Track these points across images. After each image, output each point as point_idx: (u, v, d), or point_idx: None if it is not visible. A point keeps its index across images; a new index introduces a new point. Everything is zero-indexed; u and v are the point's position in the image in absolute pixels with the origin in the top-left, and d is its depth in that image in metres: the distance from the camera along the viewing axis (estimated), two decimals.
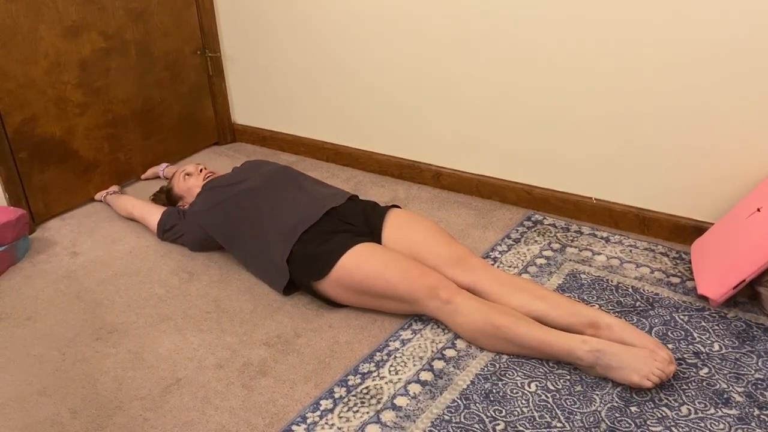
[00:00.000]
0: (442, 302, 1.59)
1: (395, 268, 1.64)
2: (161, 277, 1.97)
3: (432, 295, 1.60)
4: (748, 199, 1.77)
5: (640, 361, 1.41)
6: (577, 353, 1.45)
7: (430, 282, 1.61)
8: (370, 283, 1.66)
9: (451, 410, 1.41)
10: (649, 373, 1.39)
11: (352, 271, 1.67)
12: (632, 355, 1.42)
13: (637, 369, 1.40)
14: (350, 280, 1.67)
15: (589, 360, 1.44)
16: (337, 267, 1.67)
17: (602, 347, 1.44)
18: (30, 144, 2.23)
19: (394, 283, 1.63)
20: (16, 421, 1.45)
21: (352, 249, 1.68)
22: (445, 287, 1.60)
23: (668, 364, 1.41)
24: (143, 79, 2.56)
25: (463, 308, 1.57)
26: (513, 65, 2.10)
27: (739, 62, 1.74)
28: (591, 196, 2.13)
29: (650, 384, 1.39)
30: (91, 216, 2.37)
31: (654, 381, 1.39)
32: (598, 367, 1.44)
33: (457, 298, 1.58)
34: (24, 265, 2.07)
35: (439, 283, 1.61)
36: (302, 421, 1.40)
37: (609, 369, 1.43)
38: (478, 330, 1.56)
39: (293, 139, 2.80)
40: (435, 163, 2.43)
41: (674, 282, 1.81)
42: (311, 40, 2.54)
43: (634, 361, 1.41)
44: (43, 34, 2.19)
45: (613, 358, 1.42)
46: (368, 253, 1.69)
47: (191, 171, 2.22)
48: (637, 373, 1.40)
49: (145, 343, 1.68)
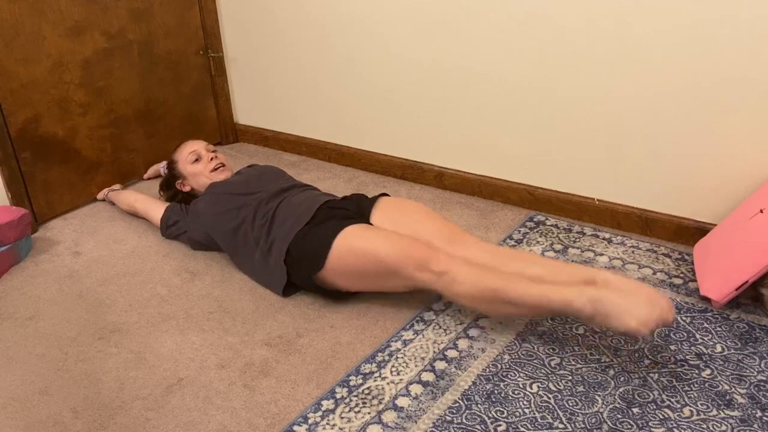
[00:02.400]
0: (437, 274, 1.57)
1: (384, 245, 1.63)
2: (163, 277, 1.97)
3: (424, 268, 1.58)
4: (751, 201, 1.77)
5: (638, 306, 1.38)
6: (575, 305, 1.43)
7: (421, 255, 1.59)
8: (362, 265, 1.65)
9: (452, 411, 1.41)
10: (647, 320, 1.36)
11: (343, 256, 1.66)
12: (630, 300, 1.39)
13: (636, 315, 1.37)
14: (344, 265, 1.67)
15: (588, 310, 1.41)
16: (331, 254, 1.67)
17: (600, 296, 1.41)
18: (33, 144, 2.23)
19: (385, 260, 1.61)
20: (18, 421, 1.45)
21: (341, 233, 1.68)
22: (437, 259, 1.58)
23: (668, 312, 1.38)
24: (146, 79, 2.56)
25: (459, 276, 1.55)
26: (516, 66, 2.10)
27: (742, 64, 1.74)
28: (593, 197, 2.13)
29: (647, 331, 1.36)
30: (94, 216, 2.37)
31: (651, 328, 1.36)
32: (597, 316, 1.41)
33: (452, 268, 1.56)
34: (26, 264, 2.07)
35: (430, 255, 1.59)
36: (304, 422, 1.40)
37: (608, 317, 1.40)
38: (476, 297, 1.54)
39: (295, 140, 2.80)
40: (437, 164, 2.43)
41: (677, 283, 1.81)
42: (314, 40, 2.54)
43: (632, 306, 1.38)
44: (46, 33, 2.19)
45: (611, 306, 1.39)
46: (357, 234, 1.68)
47: (202, 154, 2.18)
48: (636, 319, 1.37)
49: (147, 342, 1.69)
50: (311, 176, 2.59)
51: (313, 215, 1.80)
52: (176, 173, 2.22)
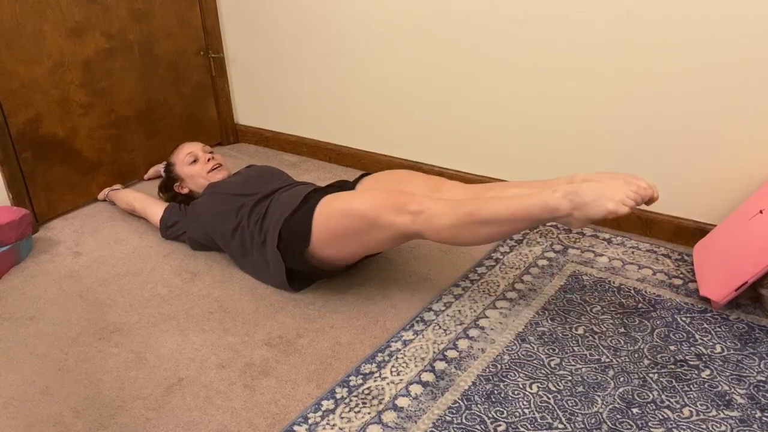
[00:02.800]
0: (414, 214, 1.56)
1: (359, 199, 1.64)
2: (164, 277, 1.97)
3: (402, 211, 1.57)
4: (751, 201, 1.77)
5: (613, 188, 1.37)
6: (551, 203, 1.42)
7: (396, 200, 1.59)
8: (344, 224, 1.64)
9: (452, 411, 1.41)
10: (624, 198, 1.35)
11: (325, 222, 1.67)
12: (605, 185, 1.38)
13: (611, 196, 1.36)
14: (328, 230, 1.67)
15: (565, 206, 1.41)
16: (314, 225, 1.68)
17: (574, 188, 1.41)
18: (33, 144, 2.24)
19: (363, 212, 1.61)
20: (19, 421, 1.46)
21: (319, 203, 1.69)
22: (412, 200, 1.58)
23: (645, 188, 1.37)
24: (146, 79, 2.57)
25: (435, 210, 1.55)
26: (515, 67, 2.10)
27: (742, 65, 1.74)
28: None
29: (626, 208, 1.35)
30: (94, 216, 2.37)
31: (630, 204, 1.35)
32: (575, 210, 1.40)
33: (427, 204, 1.56)
34: (27, 264, 2.07)
35: (405, 199, 1.58)
36: (304, 422, 1.41)
37: (585, 206, 1.39)
38: (455, 225, 1.53)
39: (296, 140, 2.81)
40: (438, 164, 2.43)
41: (676, 284, 1.81)
42: (314, 41, 2.54)
43: (607, 190, 1.37)
44: (46, 34, 2.20)
45: (586, 194, 1.38)
46: (333, 198, 1.70)
47: (198, 155, 2.18)
48: (612, 200, 1.35)
49: (148, 342, 1.69)
50: (311, 176, 2.60)
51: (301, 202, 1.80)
52: (174, 176, 2.22)
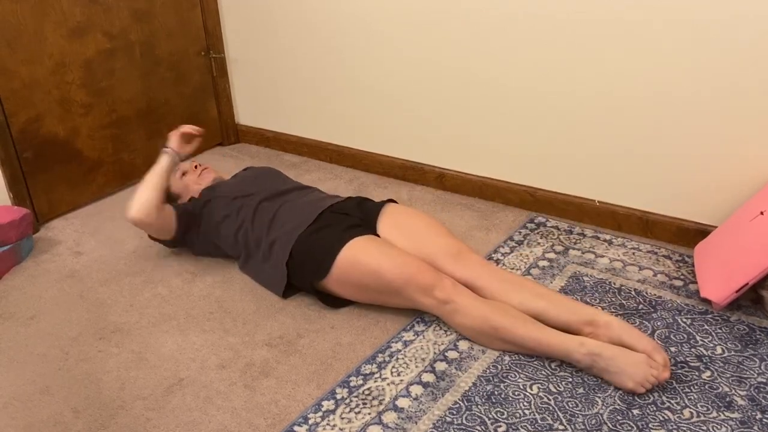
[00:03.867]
0: (440, 302, 1.59)
1: (391, 264, 1.63)
2: (164, 278, 1.97)
3: (428, 294, 1.60)
4: (752, 203, 1.77)
5: (635, 366, 1.42)
6: (574, 356, 1.47)
7: (426, 280, 1.60)
8: (366, 281, 1.66)
9: (452, 412, 1.41)
10: (643, 380, 1.41)
11: (348, 270, 1.67)
12: (628, 360, 1.43)
13: (632, 375, 1.42)
14: (348, 278, 1.68)
15: (586, 362, 1.46)
16: (335, 266, 1.68)
17: (599, 351, 1.45)
18: (34, 144, 2.24)
19: (389, 280, 1.63)
20: (19, 420, 1.46)
21: (347, 245, 1.68)
22: (442, 286, 1.60)
23: (663, 370, 1.42)
24: (147, 79, 2.57)
25: (462, 308, 1.58)
26: (517, 67, 2.10)
27: (744, 66, 1.74)
28: (594, 199, 2.13)
29: (643, 390, 1.42)
30: (95, 216, 2.38)
31: (647, 387, 1.42)
32: (594, 369, 1.46)
33: (456, 298, 1.58)
34: (27, 264, 2.07)
35: (435, 282, 1.60)
36: (304, 422, 1.40)
37: (605, 372, 1.45)
38: (476, 330, 1.57)
39: (297, 140, 2.81)
40: (438, 165, 2.43)
41: (677, 285, 1.81)
42: (315, 41, 2.54)
43: (629, 366, 1.42)
44: (47, 34, 2.20)
45: (610, 363, 1.44)
46: (363, 248, 1.68)
47: (186, 169, 2.17)
48: (632, 380, 1.42)
49: (148, 343, 1.69)
50: (312, 177, 2.60)
51: (316, 218, 1.80)
52: (173, 195, 2.15)
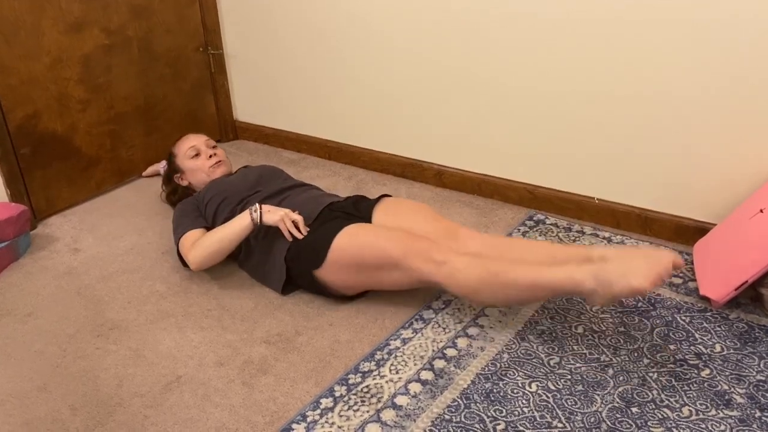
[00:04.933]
0: (437, 264, 1.57)
1: (387, 236, 1.65)
2: (162, 274, 1.96)
3: (426, 258, 1.58)
4: (751, 201, 1.77)
5: (638, 266, 1.37)
6: (577, 278, 1.43)
7: (422, 245, 1.60)
8: (364, 255, 1.65)
9: (451, 410, 1.41)
10: (648, 275, 1.35)
11: (345, 249, 1.66)
12: (629, 263, 1.39)
13: (637, 273, 1.36)
14: (345, 258, 1.67)
15: (590, 283, 1.40)
16: (332, 249, 1.67)
17: (600, 267, 1.41)
18: (32, 140, 2.23)
19: (388, 250, 1.62)
20: (16, 417, 1.45)
21: (342, 230, 1.69)
22: (438, 249, 1.59)
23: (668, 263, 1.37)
24: (145, 75, 2.56)
25: (459, 264, 1.55)
26: (516, 65, 2.10)
27: (743, 64, 1.73)
28: (593, 196, 2.12)
29: (652, 285, 1.35)
30: (93, 212, 2.37)
31: (654, 280, 1.35)
32: (599, 287, 1.40)
33: (453, 257, 1.57)
34: (25, 261, 2.07)
35: (432, 246, 1.60)
36: (302, 420, 1.40)
37: (610, 285, 1.38)
38: (478, 282, 1.54)
39: (295, 137, 2.80)
40: (437, 162, 2.43)
41: (676, 282, 1.80)
42: (314, 37, 2.53)
43: (631, 268, 1.37)
44: (45, 30, 2.19)
45: (611, 272, 1.38)
46: (359, 229, 1.70)
47: (201, 149, 2.16)
48: (637, 277, 1.35)
49: (146, 340, 1.68)
50: (311, 174, 2.59)
51: (316, 217, 1.81)
52: (174, 167, 2.21)
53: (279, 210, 1.79)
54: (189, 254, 1.85)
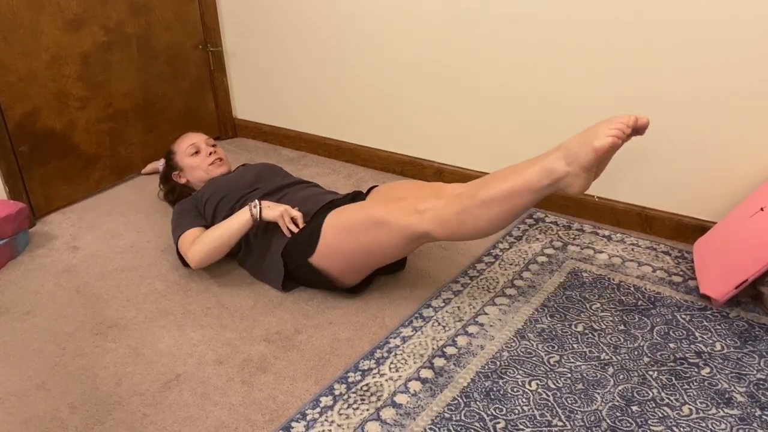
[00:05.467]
0: (420, 213, 1.57)
1: (370, 203, 1.69)
2: (161, 272, 1.96)
3: (410, 211, 1.58)
4: (752, 199, 1.77)
5: (595, 130, 1.38)
6: (546, 166, 1.43)
7: (405, 202, 1.62)
8: (352, 226, 1.65)
9: (451, 408, 1.41)
10: (607, 131, 1.35)
11: (335, 227, 1.67)
12: (589, 130, 1.40)
13: (596, 134, 1.37)
14: (336, 237, 1.67)
15: (560, 164, 1.42)
16: (322, 232, 1.68)
17: (564, 146, 1.42)
18: (30, 138, 2.22)
19: (373, 212, 1.63)
20: (15, 416, 1.45)
21: (330, 213, 1.71)
22: (420, 200, 1.60)
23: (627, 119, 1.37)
24: (144, 73, 2.55)
25: (439, 204, 1.56)
26: (517, 62, 2.09)
27: (743, 62, 1.73)
28: (593, 195, 2.12)
29: (610, 139, 1.35)
30: (92, 210, 2.36)
31: (614, 134, 1.35)
32: (570, 165, 1.41)
33: (432, 201, 1.58)
34: (24, 259, 2.06)
35: (414, 201, 1.61)
36: (302, 418, 1.40)
37: (577, 156, 1.39)
38: (459, 211, 1.53)
39: (295, 135, 2.80)
40: (437, 160, 2.42)
41: (676, 281, 1.80)
42: (313, 35, 2.53)
43: (590, 133, 1.38)
44: (44, 27, 2.18)
45: (573, 144, 1.39)
46: (344, 208, 1.72)
47: (201, 147, 2.16)
48: (597, 137, 1.36)
49: (145, 338, 1.68)
50: (310, 172, 2.59)
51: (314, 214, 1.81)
52: (173, 164, 2.21)
53: (279, 206, 1.79)
54: (189, 252, 1.84)
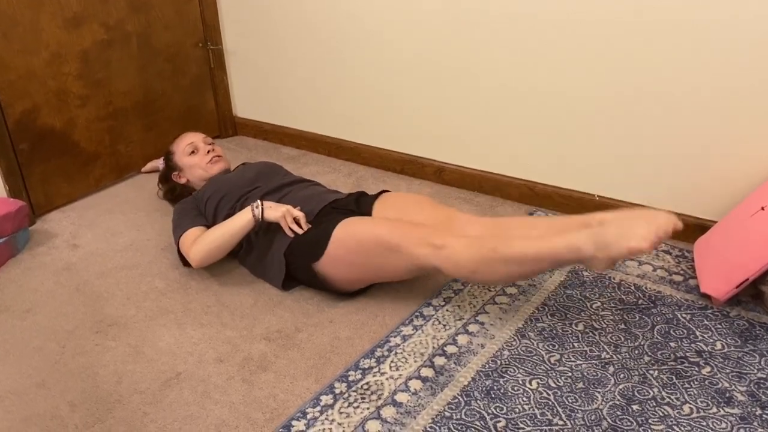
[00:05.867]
0: (436, 247, 1.55)
1: (384, 224, 1.65)
2: (161, 271, 1.96)
3: (424, 242, 1.57)
4: (752, 198, 1.77)
5: (635, 226, 1.36)
6: (575, 243, 1.41)
7: (420, 231, 1.60)
8: (362, 243, 1.64)
9: (451, 407, 1.40)
10: (646, 235, 1.33)
11: (344, 239, 1.66)
12: (627, 224, 1.38)
13: (634, 234, 1.35)
14: (344, 248, 1.66)
15: (589, 247, 1.39)
16: (331, 241, 1.67)
17: (598, 230, 1.41)
18: (30, 135, 2.22)
19: (386, 235, 1.61)
20: (15, 414, 1.45)
21: (341, 222, 1.69)
22: (436, 233, 1.58)
23: (667, 223, 1.36)
24: (144, 71, 2.55)
25: (457, 246, 1.54)
26: (517, 62, 2.09)
27: (744, 62, 1.73)
28: (594, 194, 2.12)
29: (648, 244, 1.33)
30: (92, 208, 2.36)
31: (652, 240, 1.34)
32: (598, 251, 1.39)
33: (449, 240, 1.55)
34: (24, 257, 2.06)
35: (429, 231, 1.60)
36: (302, 417, 1.40)
37: (608, 247, 1.37)
38: (477, 260, 1.51)
39: (295, 133, 2.79)
40: (437, 159, 2.42)
41: (677, 280, 1.80)
42: (313, 33, 2.52)
43: (629, 229, 1.36)
44: (44, 25, 2.18)
45: (609, 235, 1.37)
46: (357, 220, 1.70)
47: (199, 146, 2.16)
48: (635, 237, 1.34)
49: (145, 336, 1.68)
50: (310, 170, 2.58)
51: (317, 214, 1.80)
52: (172, 165, 2.21)
53: (281, 206, 1.79)
54: (190, 251, 1.84)
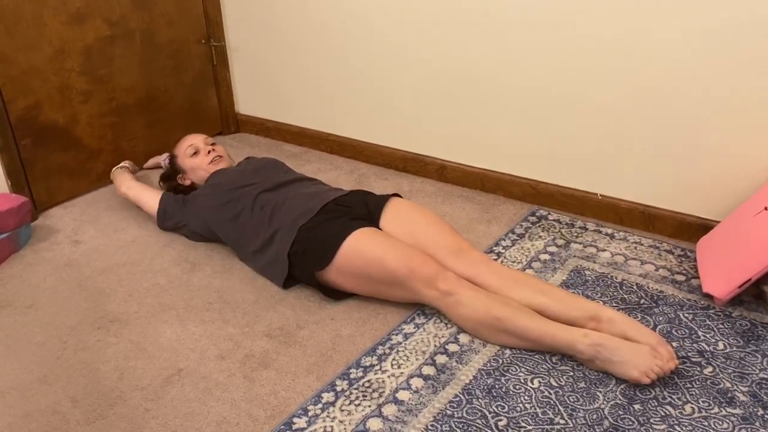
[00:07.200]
0: (442, 293, 1.58)
1: (395, 254, 1.63)
2: (163, 267, 1.96)
3: (431, 285, 1.59)
4: (755, 198, 1.76)
5: (640, 356, 1.41)
6: (577, 346, 1.45)
7: (430, 271, 1.60)
8: (369, 270, 1.65)
9: (453, 405, 1.40)
10: (648, 370, 1.39)
11: (352, 258, 1.66)
12: (632, 350, 1.42)
13: (637, 365, 1.40)
14: (351, 267, 1.67)
15: (590, 353, 1.44)
16: (338, 255, 1.66)
17: (603, 341, 1.44)
18: (33, 131, 2.22)
19: (394, 270, 1.62)
20: (17, 409, 1.45)
21: (351, 235, 1.67)
22: (445, 278, 1.59)
23: (668, 361, 1.41)
24: (147, 67, 2.55)
25: (464, 299, 1.57)
26: (518, 60, 2.09)
27: (747, 62, 1.72)
28: (596, 192, 2.12)
29: (648, 380, 1.40)
30: (94, 204, 2.36)
31: (652, 377, 1.40)
32: (597, 360, 1.45)
33: (458, 290, 1.58)
34: (26, 252, 2.06)
35: (438, 274, 1.60)
36: (304, 414, 1.40)
37: (609, 363, 1.43)
38: (479, 321, 1.55)
39: (297, 131, 2.79)
40: (440, 157, 2.42)
41: (679, 280, 1.80)
42: (317, 31, 2.52)
43: (634, 356, 1.41)
44: (47, 20, 2.18)
45: (614, 353, 1.42)
46: (368, 238, 1.67)
47: (199, 148, 2.17)
48: (637, 369, 1.40)
49: (147, 332, 1.68)
50: (312, 168, 2.58)
51: (319, 210, 1.79)
52: (177, 168, 2.22)
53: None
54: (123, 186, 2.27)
